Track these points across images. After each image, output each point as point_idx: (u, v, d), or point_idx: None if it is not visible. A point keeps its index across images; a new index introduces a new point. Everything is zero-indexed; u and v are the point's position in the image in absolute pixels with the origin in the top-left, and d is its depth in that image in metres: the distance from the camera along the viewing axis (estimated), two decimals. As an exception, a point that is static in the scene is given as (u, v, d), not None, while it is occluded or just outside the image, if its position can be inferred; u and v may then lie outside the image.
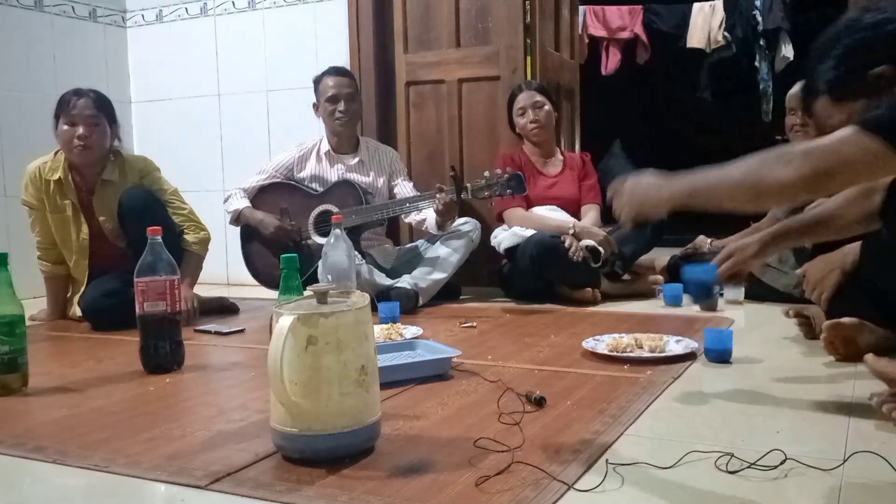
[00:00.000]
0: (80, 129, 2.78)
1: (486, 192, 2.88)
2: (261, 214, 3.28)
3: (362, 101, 3.46)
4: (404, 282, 3.07)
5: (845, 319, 1.95)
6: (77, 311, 2.90)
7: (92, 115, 2.81)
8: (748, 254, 1.89)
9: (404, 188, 3.35)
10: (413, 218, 3.29)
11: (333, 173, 3.33)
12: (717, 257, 1.94)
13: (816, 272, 2.08)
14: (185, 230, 2.98)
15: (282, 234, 3.21)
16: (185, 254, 2.91)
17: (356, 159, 3.36)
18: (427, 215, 3.17)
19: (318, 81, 3.33)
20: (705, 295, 1.98)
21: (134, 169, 2.96)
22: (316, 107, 3.35)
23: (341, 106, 3.26)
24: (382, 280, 3.07)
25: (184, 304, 2.73)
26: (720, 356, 2.03)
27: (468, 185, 2.91)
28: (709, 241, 3.34)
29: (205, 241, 3.03)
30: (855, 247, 2.02)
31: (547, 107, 3.35)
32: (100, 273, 2.90)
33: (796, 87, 3.14)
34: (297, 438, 1.33)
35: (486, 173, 2.90)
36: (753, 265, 1.99)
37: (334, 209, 3.15)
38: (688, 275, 2.04)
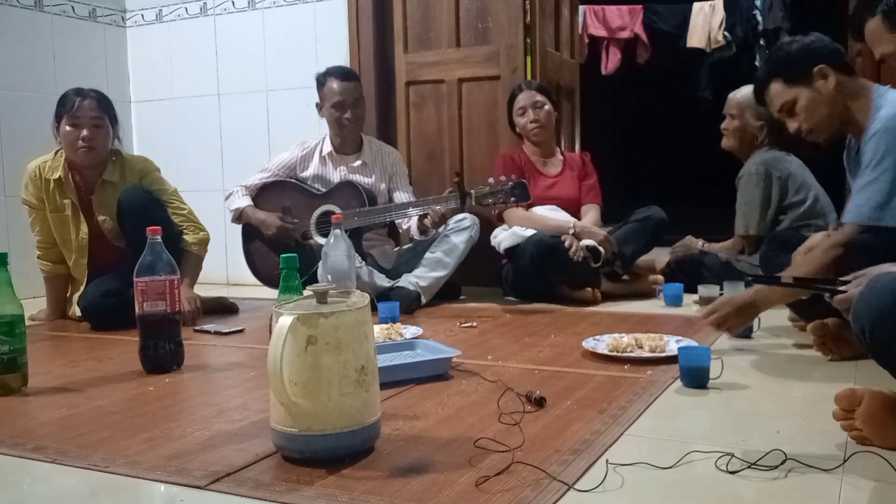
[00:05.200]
0: (85, 131, 2.78)
1: (490, 199, 2.86)
2: (262, 214, 3.27)
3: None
4: (405, 282, 3.06)
5: (829, 320, 1.95)
6: (77, 310, 2.90)
7: (96, 117, 2.81)
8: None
9: (402, 197, 3.32)
10: (404, 224, 3.27)
11: (336, 175, 3.31)
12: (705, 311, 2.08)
13: (726, 308, 2.05)
14: (185, 230, 2.97)
15: (284, 233, 3.20)
16: (184, 254, 2.91)
17: (359, 161, 3.33)
18: (412, 221, 3.14)
19: (322, 82, 3.28)
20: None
21: (134, 169, 2.96)
22: (319, 106, 3.32)
23: (348, 113, 3.24)
24: (382, 281, 3.06)
25: (187, 304, 2.74)
26: None
27: (472, 191, 2.89)
28: (700, 241, 3.34)
29: (204, 242, 3.03)
30: (765, 292, 2.00)
31: (547, 106, 3.34)
32: (99, 273, 2.90)
33: (736, 92, 3.17)
34: (296, 438, 1.32)
35: (491, 180, 2.88)
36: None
37: (337, 209, 3.13)
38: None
